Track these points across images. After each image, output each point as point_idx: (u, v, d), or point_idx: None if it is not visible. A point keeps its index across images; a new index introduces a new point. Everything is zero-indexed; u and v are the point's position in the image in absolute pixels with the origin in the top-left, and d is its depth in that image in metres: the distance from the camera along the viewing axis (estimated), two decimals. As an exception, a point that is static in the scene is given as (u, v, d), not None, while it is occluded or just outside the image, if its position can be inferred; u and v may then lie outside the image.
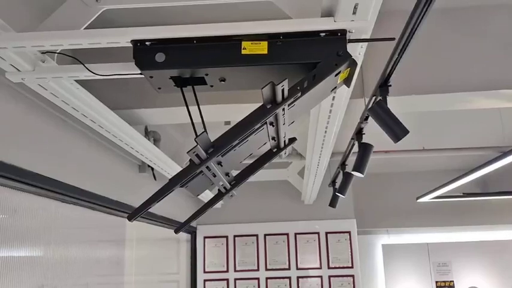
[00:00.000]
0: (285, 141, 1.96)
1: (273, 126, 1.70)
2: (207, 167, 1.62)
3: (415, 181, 6.87)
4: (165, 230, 4.81)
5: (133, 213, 1.60)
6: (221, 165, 1.74)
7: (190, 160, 1.55)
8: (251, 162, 2.10)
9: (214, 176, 1.78)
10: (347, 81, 1.67)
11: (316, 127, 2.84)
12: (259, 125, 1.56)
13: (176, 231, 2.15)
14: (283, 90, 1.40)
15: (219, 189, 2.04)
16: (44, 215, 2.56)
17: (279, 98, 1.43)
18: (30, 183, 2.29)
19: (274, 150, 2.04)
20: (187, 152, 1.48)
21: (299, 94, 1.46)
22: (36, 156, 2.37)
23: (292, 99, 1.47)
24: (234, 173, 2.01)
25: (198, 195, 2.01)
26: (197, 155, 1.50)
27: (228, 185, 1.98)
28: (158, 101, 2.92)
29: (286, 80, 1.39)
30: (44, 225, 2.55)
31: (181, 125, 4.20)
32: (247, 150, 1.86)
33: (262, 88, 1.37)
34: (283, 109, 1.52)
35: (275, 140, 1.90)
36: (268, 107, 1.48)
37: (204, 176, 1.77)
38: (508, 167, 4.06)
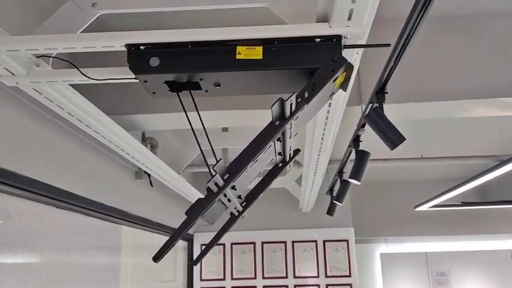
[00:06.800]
0: (290, 154, 1.95)
1: (280, 141, 1.69)
2: (224, 194, 1.60)
3: (413, 189, 6.85)
4: (161, 236, 4.78)
5: (158, 254, 1.56)
6: (235, 189, 1.72)
7: (208, 189, 1.52)
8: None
9: (229, 201, 1.75)
10: (343, 85, 1.66)
11: (313, 134, 2.83)
12: (270, 143, 1.54)
13: (195, 264, 2.14)
14: (291, 105, 1.39)
15: (231, 213, 2.02)
16: (38, 220, 2.54)
17: (288, 113, 1.42)
18: (24, 189, 2.28)
19: (280, 165, 2.03)
20: (207, 182, 1.45)
21: (305, 106, 1.45)
22: (31, 161, 2.35)
23: (298, 112, 1.46)
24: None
25: (213, 223, 1.97)
26: (216, 184, 1.48)
27: (241, 207, 1.96)
28: (155, 106, 2.91)
29: (295, 94, 1.38)
30: (38, 230, 2.53)
31: (179, 131, 4.19)
32: (257, 169, 1.85)
33: (272, 106, 1.36)
34: (290, 123, 1.51)
35: (281, 155, 1.89)
36: (276, 123, 1.46)
37: (219, 203, 1.74)
38: (506, 176, 4.05)
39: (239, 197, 1.86)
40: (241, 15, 2.22)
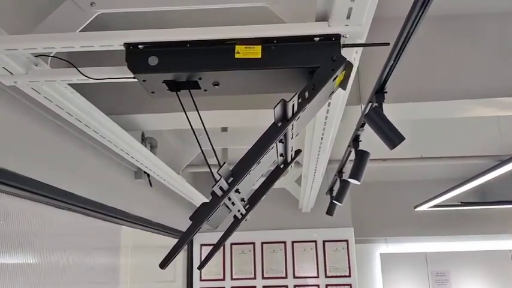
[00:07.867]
0: (291, 155, 1.94)
1: (282, 142, 1.68)
2: (228, 197, 1.59)
3: (413, 190, 6.86)
4: (161, 237, 4.78)
5: (165, 260, 1.55)
6: (239, 192, 1.71)
7: (212, 193, 1.50)
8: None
9: (233, 204, 1.74)
10: (343, 84, 1.65)
11: (312, 134, 2.83)
12: (273, 144, 1.53)
13: (200, 268, 2.15)
14: (293, 106, 1.38)
15: (235, 216, 2.01)
16: (37, 220, 2.53)
17: (290, 114, 1.41)
18: (23, 188, 2.27)
19: (281, 166, 2.02)
20: (212, 187, 1.44)
21: (306, 106, 1.44)
22: (30, 161, 2.35)
23: (300, 113, 1.45)
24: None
25: (217, 227, 1.96)
26: (220, 188, 1.47)
27: (244, 210, 1.95)
28: (155, 106, 2.91)
29: (297, 94, 1.37)
30: (37, 231, 2.53)
31: (178, 131, 4.19)
32: (259, 171, 1.83)
33: (274, 107, 1.35)
34: (292, 124, 1.50)
35: (283, 156, 1.88)
36: (279, 125, 1.45)
37: (223, 206, 1.72)
38: (506, 176, 4.04)
39: (242, 199, 1.85)
40: (240, 14, 2.22)
